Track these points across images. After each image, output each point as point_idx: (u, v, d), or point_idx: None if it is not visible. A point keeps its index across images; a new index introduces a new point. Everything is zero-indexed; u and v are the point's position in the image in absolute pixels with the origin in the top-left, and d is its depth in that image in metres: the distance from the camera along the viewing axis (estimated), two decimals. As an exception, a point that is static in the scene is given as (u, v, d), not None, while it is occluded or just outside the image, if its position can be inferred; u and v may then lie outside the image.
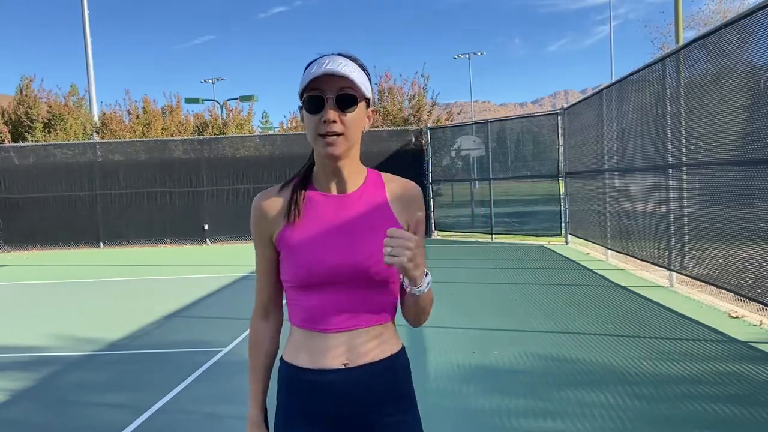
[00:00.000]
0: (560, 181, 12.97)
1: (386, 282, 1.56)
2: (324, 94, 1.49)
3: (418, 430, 1.63)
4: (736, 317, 6.07)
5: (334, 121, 1.49)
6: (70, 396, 4.77)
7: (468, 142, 14.88)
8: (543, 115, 14.26)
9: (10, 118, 19.76)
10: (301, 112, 1.55)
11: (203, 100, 23.75)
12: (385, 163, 14.47)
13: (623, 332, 5.78)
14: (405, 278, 1.50)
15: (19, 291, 10.07)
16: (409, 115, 18.10)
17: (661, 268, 8.10)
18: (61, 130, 19.23)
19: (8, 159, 15.80)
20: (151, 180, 15.70)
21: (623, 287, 7.93)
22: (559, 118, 12.98)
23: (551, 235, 13.12)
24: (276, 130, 31.99)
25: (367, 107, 1.58)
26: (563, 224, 12.87)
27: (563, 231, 12.87)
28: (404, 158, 15.09)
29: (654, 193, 8.13)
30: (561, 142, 12.79)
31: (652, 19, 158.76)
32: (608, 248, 10.04)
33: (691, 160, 7.00)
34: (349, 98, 1.50)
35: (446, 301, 7.44)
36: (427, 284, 1.51)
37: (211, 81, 49.40)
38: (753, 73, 5.59)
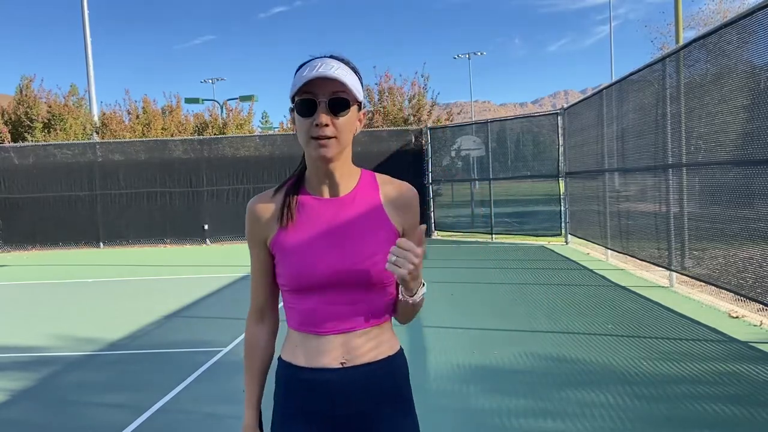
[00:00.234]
0: (560, 181, 12.96)
1: (382, 284, 1.56)
2: (316, 98, 1.48)
3: None
4: (736, 317, 6.06)
5: (326, 125, 1.48)
6: (70, 396, 4.77)
7: (468, 142, 14.88)
8: (543, 115, 14.26)
9: (10, 118, 19.76)
10: (292, 114, 1.54)
11: (203, 100, 23.75)
12: (385, 163, 14.45)
13: (623, 332, 5.78)
14: (401, 285, 1.51)
15: (19, 291, 10.07)
16: (409, 115, 18.08)
17: (661, 268, 8.09)
18: (61, 130, 19.23)
19: (8, 159, 15.80)
20: (151, 180, 15.70)
21: (623, 287, 7.93)
22: (559, 118, 12.98)
23: (551, 235, 13.11)
24: (276, 130, 32.03)
25: (359, 110, 1.57)
26: (563, 224, 12.87)
27: (563, 231, 12.87)
28: (404, 158, 15.08)
29: (654, 193, 8.12)
30: (561, 142, 12.79)
31: (652, 19, 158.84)
32: (608, 248, 10.04)
33: (691, 160, 7.00)
34: (342, 102, 1.49)
35: (446, 301, 7.44)
36: (421, 295, 1.53)
37: (211, 81, 49.46)
38: (753, 73, 5.59)
